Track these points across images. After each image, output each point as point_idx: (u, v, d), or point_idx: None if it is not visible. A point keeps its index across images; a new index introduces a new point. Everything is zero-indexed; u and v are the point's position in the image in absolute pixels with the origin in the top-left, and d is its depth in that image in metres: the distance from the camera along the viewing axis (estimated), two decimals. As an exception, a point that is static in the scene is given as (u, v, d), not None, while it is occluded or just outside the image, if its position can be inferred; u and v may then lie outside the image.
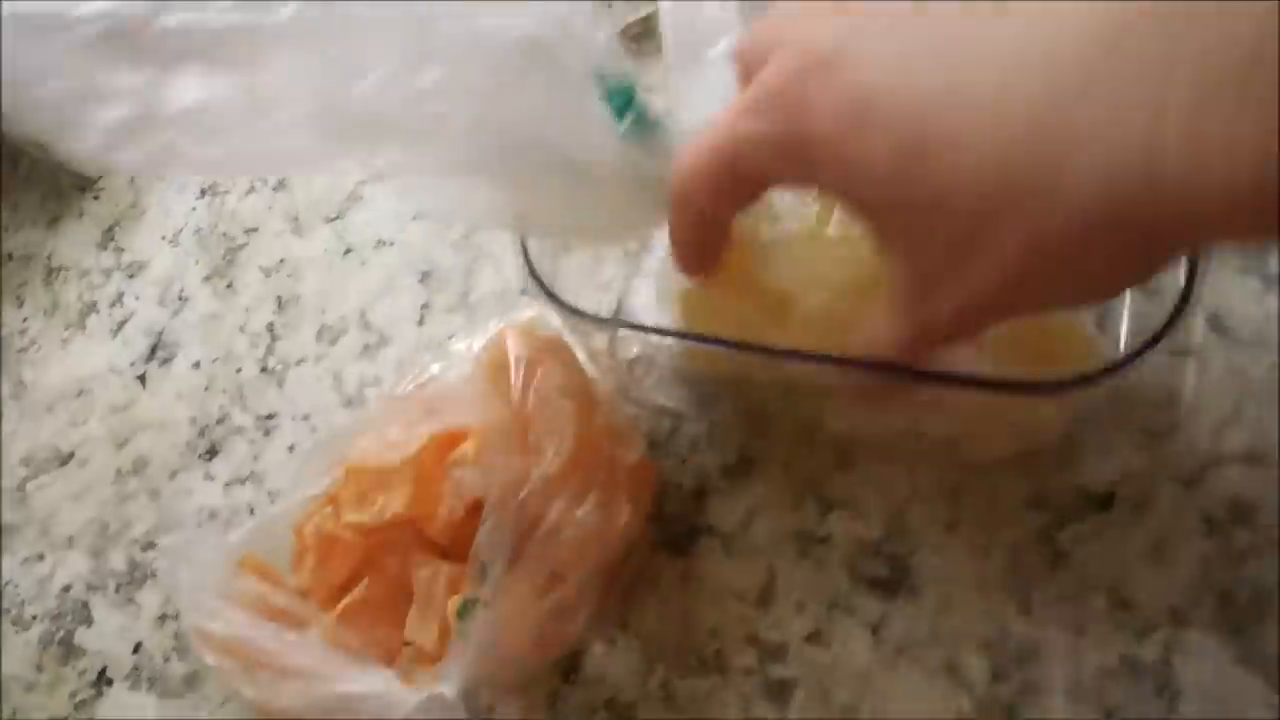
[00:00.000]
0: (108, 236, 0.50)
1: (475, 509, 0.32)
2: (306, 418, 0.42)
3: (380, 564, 0.35)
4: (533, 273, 0.35)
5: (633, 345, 0.38)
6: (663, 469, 0.37)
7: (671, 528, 0.36)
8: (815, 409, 0.36)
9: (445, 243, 0.44)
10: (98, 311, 0.48)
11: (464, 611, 0.31)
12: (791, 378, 0.33)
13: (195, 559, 0.33)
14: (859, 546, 0.34)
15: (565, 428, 0.32)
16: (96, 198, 0.51)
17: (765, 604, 0.34)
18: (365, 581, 0.34)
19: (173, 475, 0.43)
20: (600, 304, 0.39)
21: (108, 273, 0.49)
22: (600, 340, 0.36)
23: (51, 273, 0.50)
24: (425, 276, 0.44)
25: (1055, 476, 0.33)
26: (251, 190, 0.49)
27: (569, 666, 0.34)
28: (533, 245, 0.35)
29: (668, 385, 0.37)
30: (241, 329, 0.45)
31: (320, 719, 0.31)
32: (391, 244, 0.45)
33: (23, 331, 0.49)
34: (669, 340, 0.33)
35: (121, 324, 0.47)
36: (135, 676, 0.40)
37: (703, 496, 0.36)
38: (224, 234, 0.48)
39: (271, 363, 0.44)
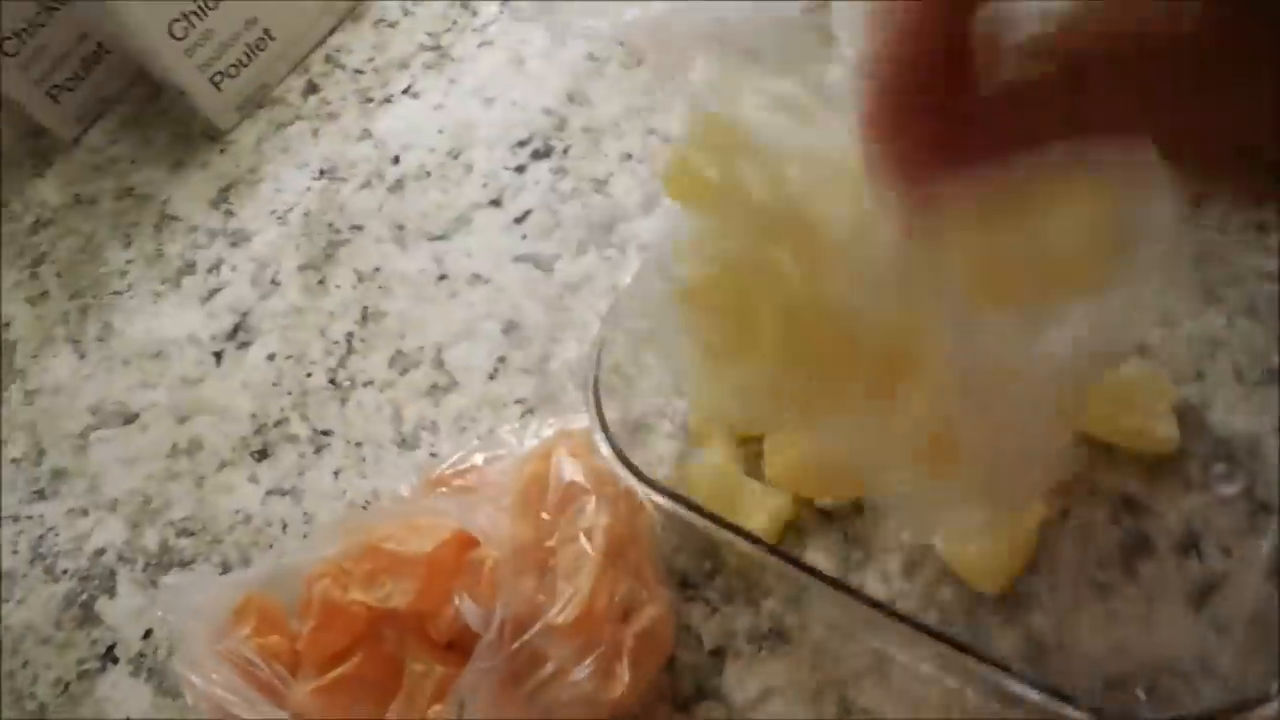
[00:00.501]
0: (222, 196, 0.49)
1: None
2: (359, 445, 0.41)
3: (378, 643, 0.34)
4: (595, 388, 0.33)
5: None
6: (688, 614, 0.35)
7: (680, 682, 0.34)
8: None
9: (538, 297, 0.42)
10: (194, 273, 0.48)
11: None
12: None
13: (194, 604, 0.33)
14: (871, 764, 0.31)
15: (584, 582, 0.30)
16: (223, 151, 0.51)
17: (756, 796, 0.32)
18: (359, 657, 0.33)
19: (220, 467, 0.43)
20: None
21: (213, 235, 0.48)
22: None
23: (163, 220, 0.50)
24: (510, 328, 0.42)
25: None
26: (367, 184, 0.47)
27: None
28: (606, 357, 0.33)
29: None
30: (321, 332, 0.44)
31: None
32: (487, 281, 0.43)
33: (123, 274, 0.49)
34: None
35: (213, 293, 0.47)
36: (139, 663, 0.40)
37: (721, 656, 0.34)
38: (330, 224, 0.47)
39: (341, 376, 0.43)
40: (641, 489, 0.30)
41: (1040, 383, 0.21)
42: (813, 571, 0.29)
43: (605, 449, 0.30)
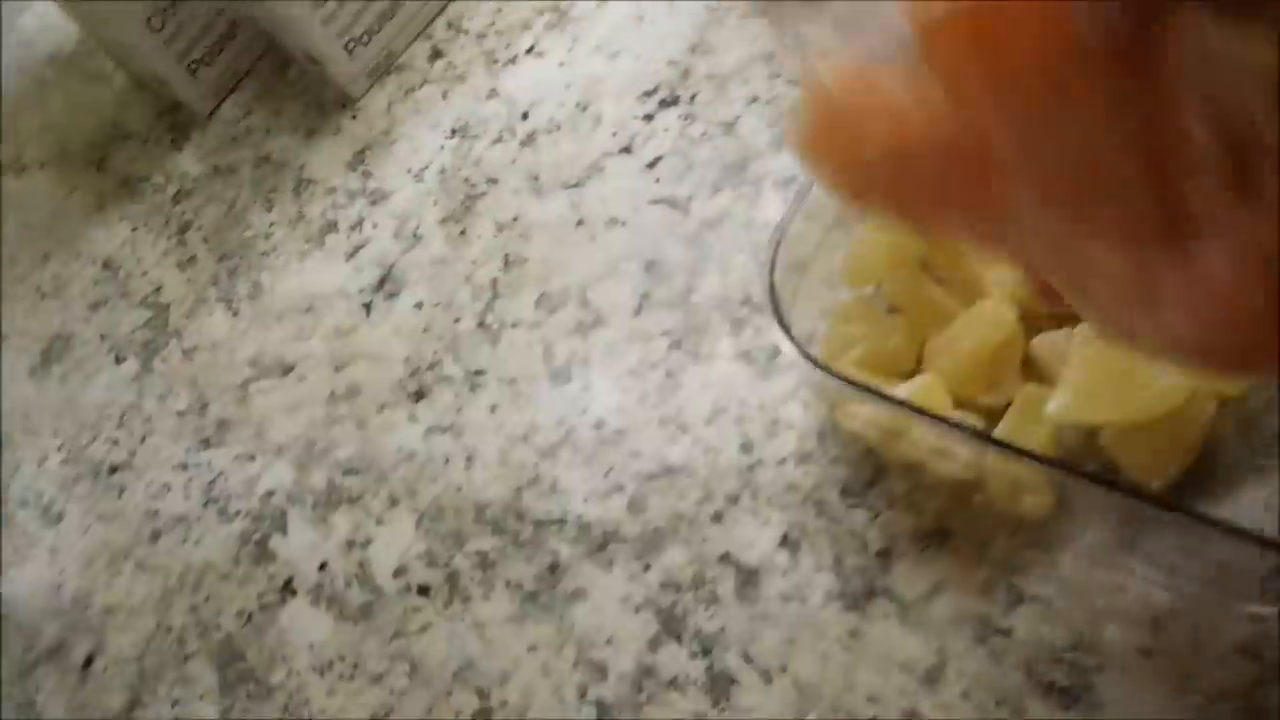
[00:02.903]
0: (358, 159, 0.52)
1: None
2: (512, 382, 0.43)
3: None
4: (773, 288, 0.34)
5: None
6: (851, 520, 0.36)
7: (850, 582, 0.35)
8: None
9: (677, 236, 0.44)
10: (337, 231, 0.50)
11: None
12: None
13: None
14: (1042, 648, 0.32)
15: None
16: (354, 117, 0.53)
17: (931, 683, 0.33)
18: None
19: (380, 409, 0.45)
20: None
21: (352, 195, 0.51)
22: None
23: (301, 184, 0.52)
24: (650, 266, 0.44)
25: (1276, 627, 0.30)
26: (499, 140, 0.49)
27: (723, 697, 0.34)
28: (781, 258, 0.35)
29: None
30: (467, 279, 0.46)
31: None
32: (624, 224, 0.45)
33: (267, 236, 0.52)
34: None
35: (357, 249, 0.49)
36: (317, 593, 0.42)
37: (888, 557, 0.35)
38: (466, 179, 0.49)
39: (489, 319, 0.45)
40: (833, 379, 0.32)
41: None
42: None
43: (790, 348, 0.32)
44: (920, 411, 0.32)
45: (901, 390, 0.35)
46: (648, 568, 0.38)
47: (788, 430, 0.39)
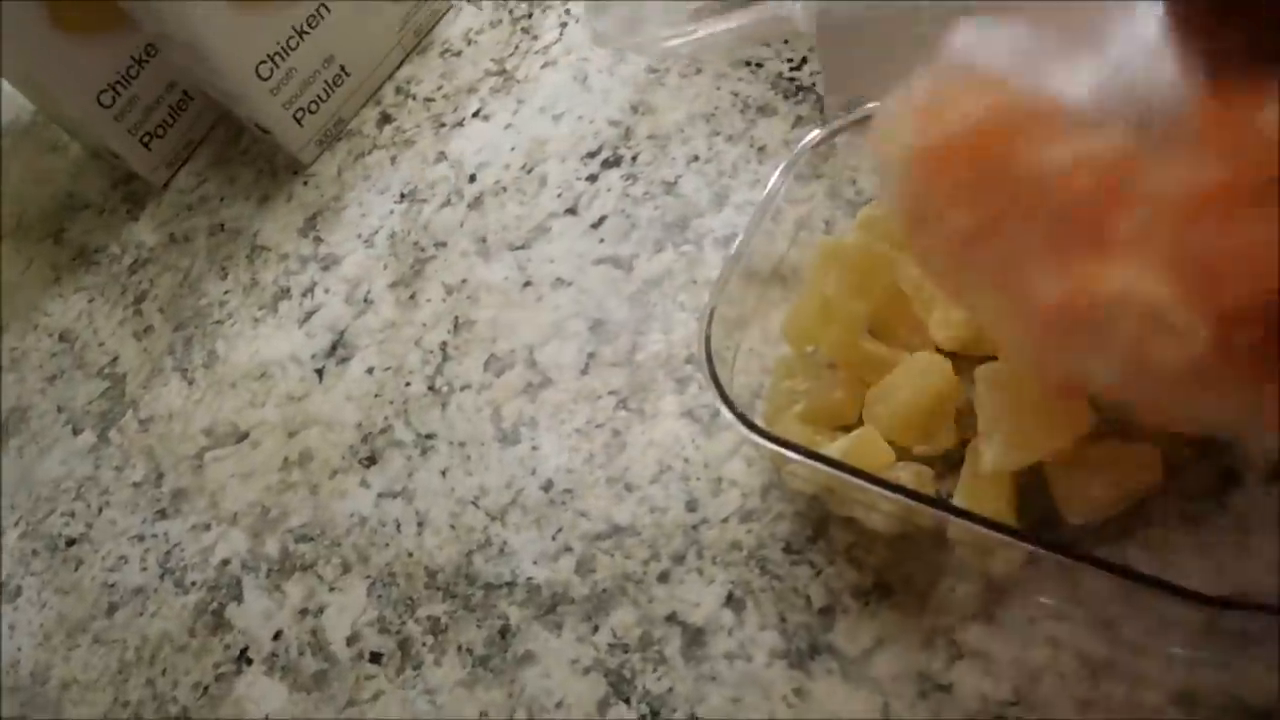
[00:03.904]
0: (310, 225, 0.52)
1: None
2: (462, 445, 0.44)
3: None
4: (708, 354, 0.35)
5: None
6: (797, 577, 0.37)
7: (794, 639, 0.36)
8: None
9: (621, 295, 0.44)
10: (290, 298, 0.51)
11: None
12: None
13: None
14: (983, 703, 0.33)
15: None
16: (306, 183, 0.54)
17: (875, 739, 0.34)
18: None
19: (332, 475, 0.45)
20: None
21: (304, 261, 0.51)
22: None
23: (255, 251, 0.53)
24: (596, 325, 0.44)
25: (1212, 675, 0.31)
26: (447, 203, 0.50)
27: None
28: (718, 322, 0.36)
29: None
30: (417, 343, 0.47)
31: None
32: (570, 284, 0.46)
33: (222, 304, 0.52)
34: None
35: (309, 315, 0.50)
36: (271, 663, 0.42)
37: (831, 613, 0.36)
38: (415, 243, 0.50)
39: (439, 383, 0.46)
40: (771, 446, 0.32)
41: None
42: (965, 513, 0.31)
43: (727, 412, 0.33)
44: (853, 471, 0.32)
45: (840, 444, 0.36)
46: (596, 629, 0.38)
47: (732, 487, 0.39)
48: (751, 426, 0.33)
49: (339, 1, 0.51)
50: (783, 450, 0.33)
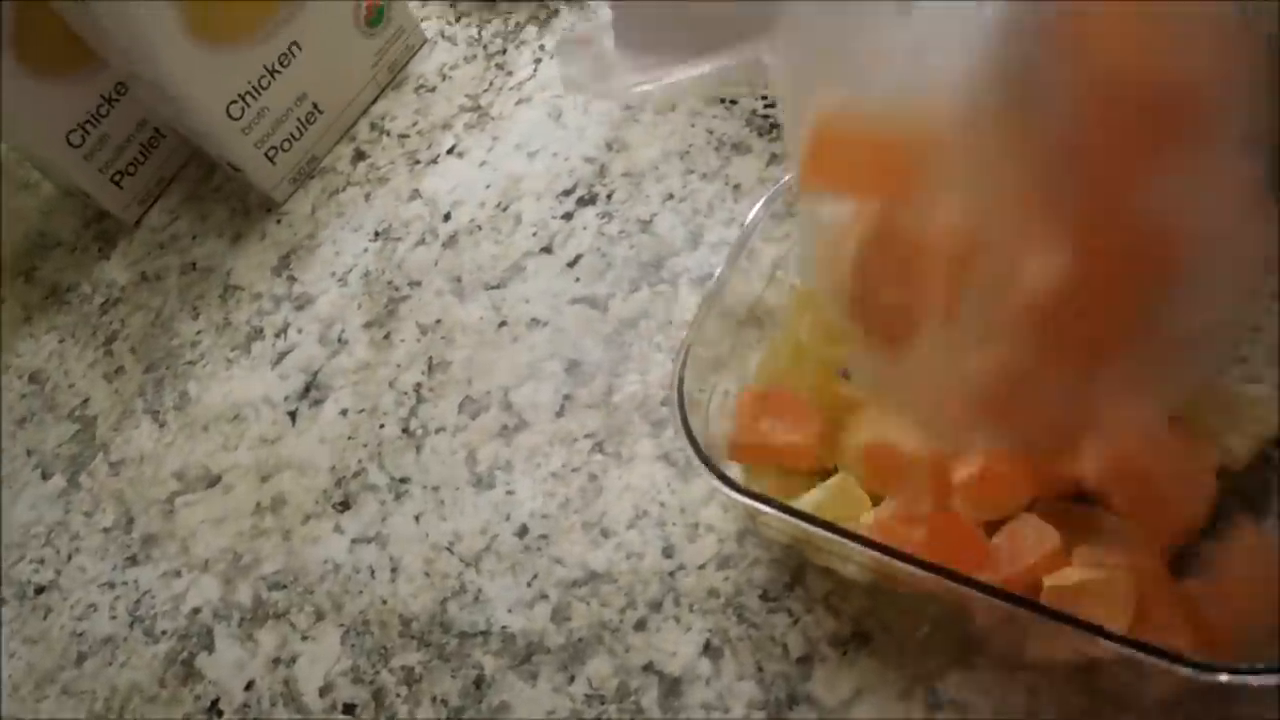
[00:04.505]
0: (283, 263, 0.52)
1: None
2: (436, 489, 0.43)
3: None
4: (681, 402, 0.34)
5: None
6: (771, 625, 0.36)
7: (772, 689, 0.35)
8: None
9: (597, 335, 0.44)
10: (263, 338, 0.50)
11: None
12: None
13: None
14: (963, 754, 0.32)
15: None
16: (279, 221, 0.53)
17: (855, 792, 0.33)
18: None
19: (305, 520, 0.45)
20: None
21: (278, 301, 0.51)
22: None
23: (228, 290, 0.52)
24: (571, 366, 0.44)
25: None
26: (422, 242, 0.50)
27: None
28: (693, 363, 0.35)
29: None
30: (391, 385, 0.46)
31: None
32: (545, 324, 0.45)
33: (194, 344, 0.51)
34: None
35: (283, 355, 0.49)
36: (244, 714, 0.42)
37: (809, 663, 0.35)
38: (389, 282, 0.49)
39: (414, 425, 0.45)
40: (741, 499, 0.32)
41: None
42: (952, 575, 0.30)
43: (698, 460, 0.32)
44: (824, 525, 0.32)
45: (814, 495, 0.35)
46: (572, 679, 0.38)
47: (708, 533, 0.39)
48: (723, 479, 0.33)
49: (311, 39, 0.50)
50: (755, 504, 0.32)
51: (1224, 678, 0.27)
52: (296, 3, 0.49)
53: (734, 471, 0.36)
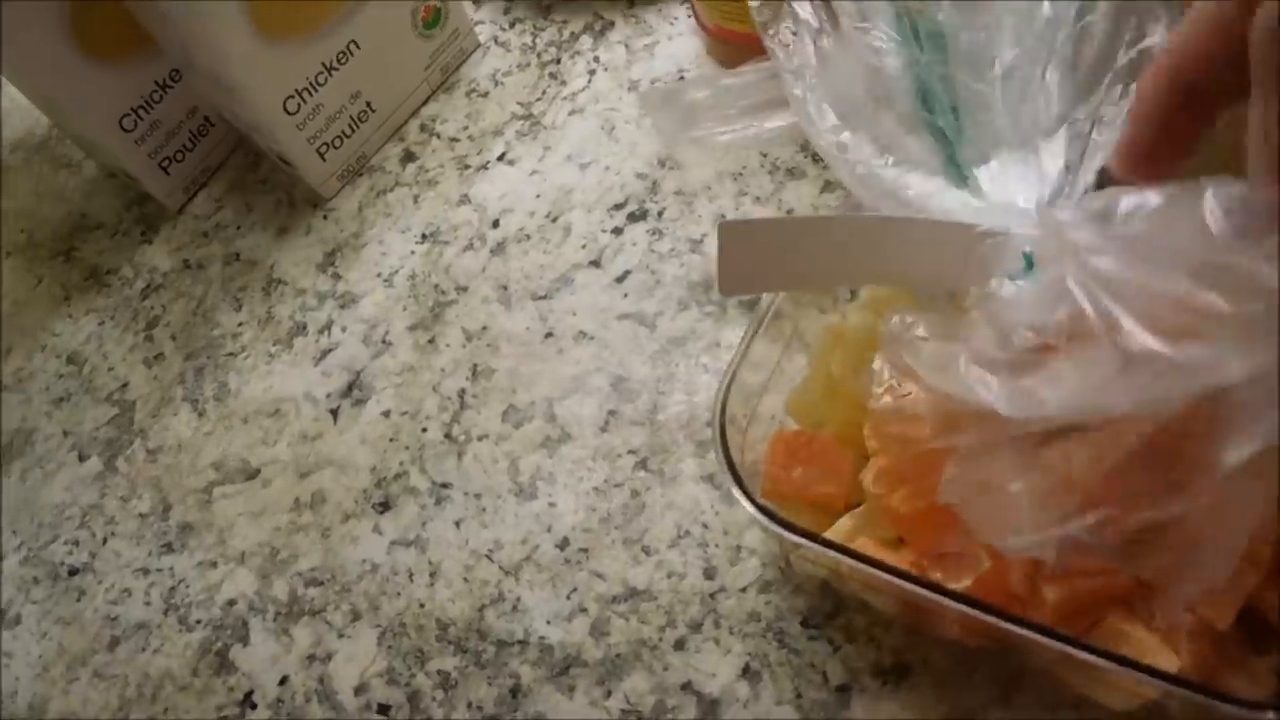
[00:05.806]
0: (329, 260, 0.52)
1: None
2: (478, 496, 0.44)
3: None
4: (722, 429, 0.35)
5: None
6: (811, 653, 0.37)
7: (810, 715, 0.36)
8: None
9: (644, 352, 0.44)
10: (305, 334, 0.50)
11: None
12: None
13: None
14: (998, 791, 0.33)
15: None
16: (326, 217, 0.54)
17: (890, 823, 0.34)
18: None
19: (345, 519, 0.45)
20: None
21: (322, 298, 0.51)
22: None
23: (271, 283, 0.53)
24: (617, 382, 0.44)
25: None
26: (470, 247, 0.50)
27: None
28: (734, 396, 0.35)
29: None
30: (434, 389, 0.47)
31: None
32: (592, 338, 0.46)
33: (235, 336, 0.52)
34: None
35: (325, 353, 0.49)
36: (277, 709, 0.42)
37: (848, 691, 0.36)
38: (436, 286, 0.49)
39: (456, 431, 0.45)
40: (774, 528, 0.32)
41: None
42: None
43: (736, 491, 0.33)
44: (856, 557, 0.32)
45: (844, 522, 0.36)
46: (609, 694, 0.38)
47: (750, 556, 0.39)
48: (764, 511, 0.33)
49: (369, 38, 0.51)
50: (788, 535, 0.32)
51: (1271, 716, 0.27)
52: (358, 2, 0.49)
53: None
